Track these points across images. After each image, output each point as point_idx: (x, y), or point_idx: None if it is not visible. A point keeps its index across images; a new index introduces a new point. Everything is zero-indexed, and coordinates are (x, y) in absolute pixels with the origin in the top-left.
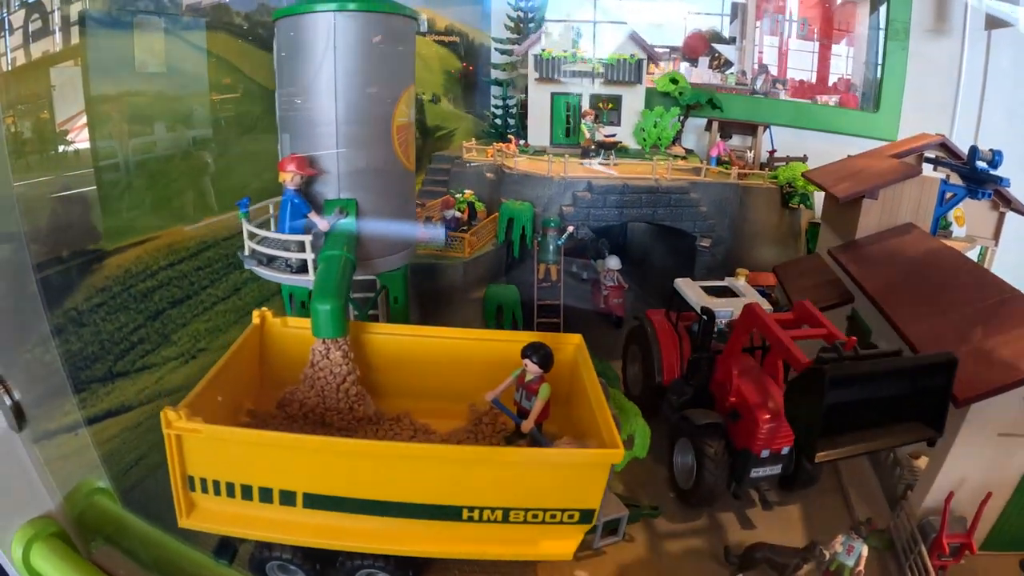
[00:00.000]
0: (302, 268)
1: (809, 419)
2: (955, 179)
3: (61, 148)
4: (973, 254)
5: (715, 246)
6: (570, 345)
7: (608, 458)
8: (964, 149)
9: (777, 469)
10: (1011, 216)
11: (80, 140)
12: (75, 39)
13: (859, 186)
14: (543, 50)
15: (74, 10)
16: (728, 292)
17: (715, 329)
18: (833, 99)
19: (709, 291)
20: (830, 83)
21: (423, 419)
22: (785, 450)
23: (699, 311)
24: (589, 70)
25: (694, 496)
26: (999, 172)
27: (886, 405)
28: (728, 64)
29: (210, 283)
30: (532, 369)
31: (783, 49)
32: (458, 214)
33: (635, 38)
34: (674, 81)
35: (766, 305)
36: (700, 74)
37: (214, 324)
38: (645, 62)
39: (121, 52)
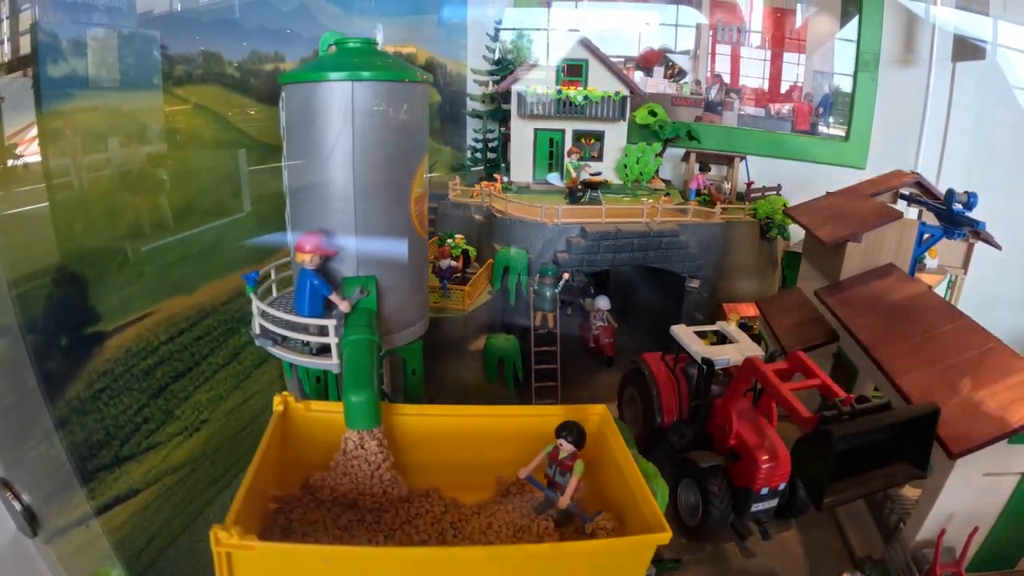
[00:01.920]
0: (323, 350)
1: (817, 473)
2: (929, 216)
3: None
4: (944, 283)
5: (703, 285)
6: (595, 415)
7: (656, 541)
8: (930, 176)
9: (774, 503)
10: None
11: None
12: None
13: (844, 230)
14: (527, 87)
15: None
16: (721, 336)
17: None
18: (787, 107)
19: (701, 335)
20: (782, 91)
21: (451, 492)
22: (781, 486)
23: (700, 361)
24: (573, 107)
25: (699, 531)
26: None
27: (878, 449)
28: (683, 73)
29: (210, 352)
30: (566, 448)
31: (736, 58)
32: (453, 263)
33: (618, 73)
34: (653, 113)
35: (757, 352)
36: (655, 83)
37: (216, 393)
38: (629, 99)
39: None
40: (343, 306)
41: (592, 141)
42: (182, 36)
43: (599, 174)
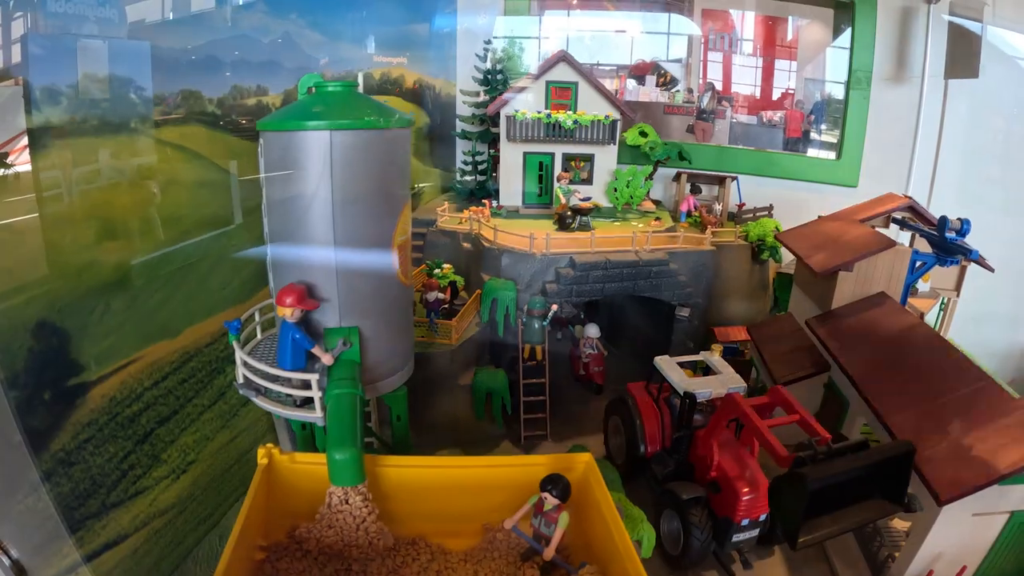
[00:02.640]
0: (308, 401)
1: (791, 514)
2: (921, 241)
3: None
4: (936, 307)
5: (693, 312)
6: (580, 464)
7: None
8: (922, 193)
9: (755, 533)
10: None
11: None
12: None
13: (835, 259)
14: (516, 111)
15: None
16: (705, 366)
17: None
18: (779, 114)
19: (686, 366)
20: (774, 97)
21: (438, 540)
22: (762, 517)
23: (681, 395)
24: (562, 131)
25: (681, 561)
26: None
27: (854, 486)
28: (675, 82)
29: (195, 394)
30: (551, 501)
31: (728, 66)
32: (441, 295)
33: (608, 96)
34: (643, 134)
35: (738, 386)
36: (647, 92)
37: (202, 434)
38: (619, 122)
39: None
40: (326, 359)
41: (582, 164)
42: (159, 77)
43: (589, 199)
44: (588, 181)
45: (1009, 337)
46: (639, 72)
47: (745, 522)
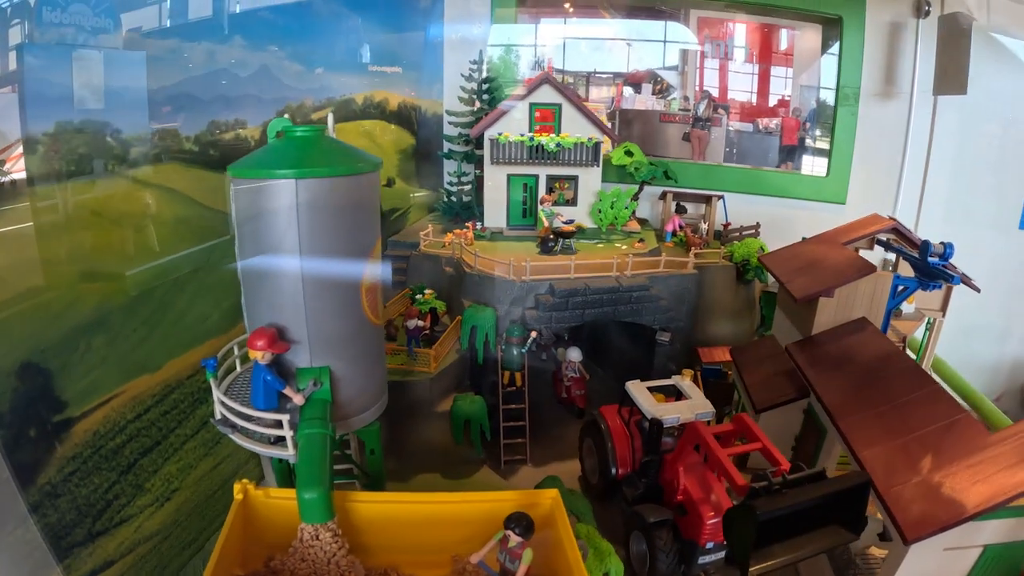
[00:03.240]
0: (280, 439)
1: (742, 543)
2: (905, 263)
3: None
4: (922, 327)
5: (675, 336)
6: (547, 500)
7: None
8: (911, 209)
9: (721, 554)
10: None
11: None
12: None
13: (815, 285)
14: (499, 134)
15: None
16: (676, 391)
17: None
18: (774, 122)
19: (657, 390)
20: (771, 104)
21: (408, 570)
22: None
23: (648, 420)
24: (546, 153)
25: None
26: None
27: (811, 514)
28: (671, 90)
29: (178, 424)
30: (515, 538)
31: (724, 74)
32: (421, 323)
33: (592, 118)
34: (629, 153)
35: (706, 411)
36: (643, 100)
37: (186, 463)
38: (602, 144)
39: None
40: (297, 399)
41: (566, 186)
42: (136, 117)
43: (572, 222)
44: (573, 202)
45: (998, 350)
46: (636, 80)
47: (710, 545)
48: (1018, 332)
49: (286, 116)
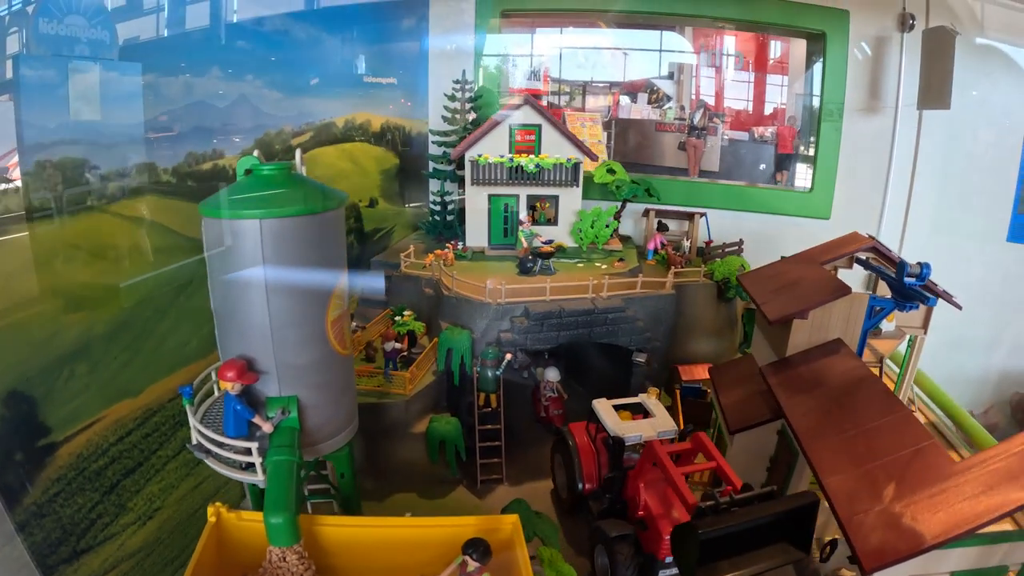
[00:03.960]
0: (250, 466)
1: (686, 561)
2: (883, 285)
3: None
4: (904, 343)
5: (652, 357)
6: (507, 525)
7: None
8: (896, 223)
9: None
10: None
11: None
12: None
13: (789, 307)
14: (479, 155)
15: None
16: (642, 409)
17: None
18: (770, 130)
19: (624, 408)
20: (767, 113)
21: None
22: None
23: (611, 438)
24: (525, 174)
25: None
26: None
27: (759, 533)
28: (667, 99)
29: (159, 446)
30: (472, 563)
31: (720, 82)
32: (398, 345)
33: (571, 138)
34: (611, 171)
35: (669, 430)
36: (639, 109)
37: (167, 483)
38: (582, 164)
39: None
40: (266, 427)
41: (547, 205)
42: (112, 153)
43: (551, 242)
44: (553, 222)
45: (986, 362)
46: (632, 89)
47: (669, 559)
48: (1006, 344)
49: (255, 153)
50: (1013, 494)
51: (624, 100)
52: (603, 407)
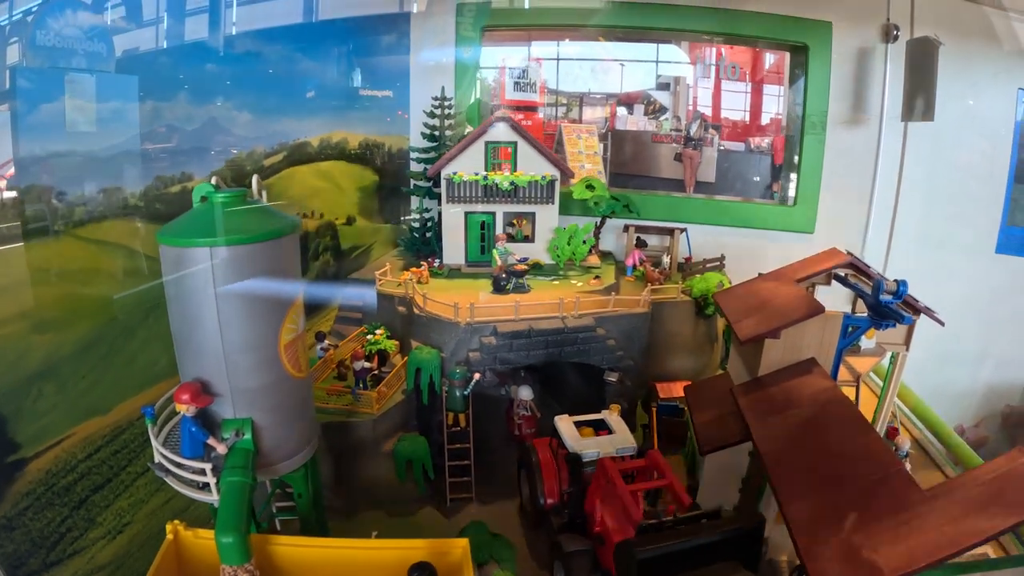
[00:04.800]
0: (207, 485)
1: None
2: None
3: None
4: (883, 360)
5: (624, 376)
6: (457, 549)
7: None
8: (882, 237)
9: None
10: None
11: None
12: None
13: (761, 326)
14: (454, 173)
15: None
16: (603, 425)
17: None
18: (766, 140)
19: (586, 424)
20: (764, 123)
21: None
22: None
23: (569, 454)
24: (501, 192)
25: None
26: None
27: (705, 552)
28: (663, 110)
29: (128, 463)
30: None
31: (717, 93)
32: (367, 364)
33: (547, 155)
34: (590, 187)
35: (627, 447)
36: (635, 121)
37: (137, 498)
38: (558, 181)
39: None
40: (220, 448)
41: (524, 222)
42: (80, 178)
43: (525, 260)
44: (531, 239)
45: (976, 376)
46: (629, 101)
47: None
48: (996, 357)
49: (213, 180)
50: (979, 525)
51: (621, 111)
52: (564, 423)
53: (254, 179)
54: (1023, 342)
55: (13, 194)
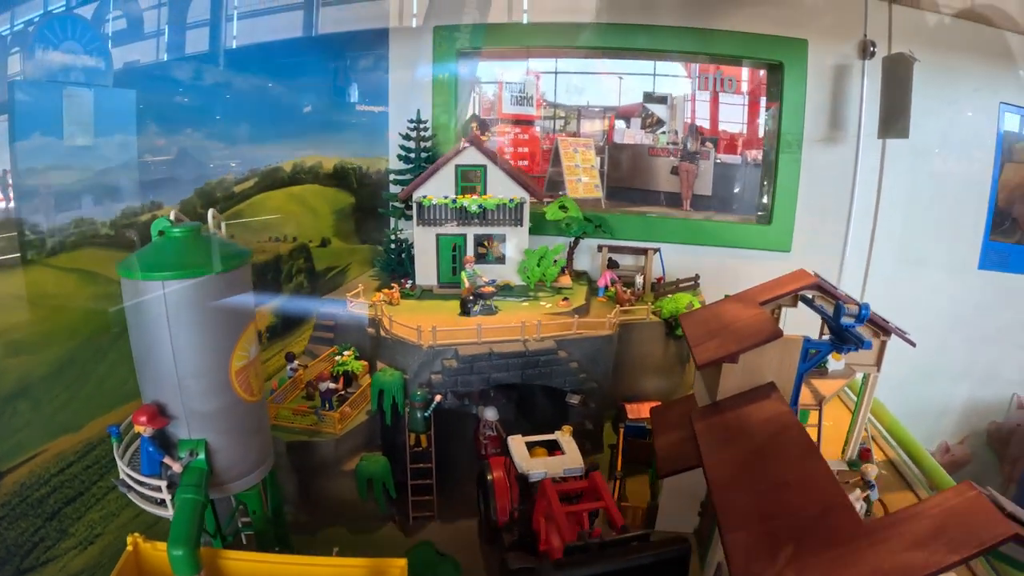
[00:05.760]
0: (164, 502)
1: None
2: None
3: None
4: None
5: (588, 398)
6: (394, 569)
7: None
8: (861, 255)
9: None
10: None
11: None
12: None
13: (720, 350)
14: (424, 197)
15: None
16: (557, 445)
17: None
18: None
19: (541, 444)
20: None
21: None
22: None
23: (517, 475)
24: (470, 215)
25: None
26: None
27: (628, 574)
28: (660, 123)
29: (100, 477)
30: None
31: (714, 106)
32: (333, 385)
33: (516, 178)
34: (563, 208)
35: (575, 467)
36: (632, 134)
37: (108, 511)
38: (527, 203)
39: None
40: (175, 467)
41: (495, 244)
42: (52, 208)
43: (493, 282)
44: (502, 260)
45: (960, 392)
46: (626, 114)
47: None
48: (981, 373)
49: (172, 213)
50: (917, 561)
51: (619, 124)
52: (515, 443)
53: (209, 213)
54: (1007, 358)
55: None
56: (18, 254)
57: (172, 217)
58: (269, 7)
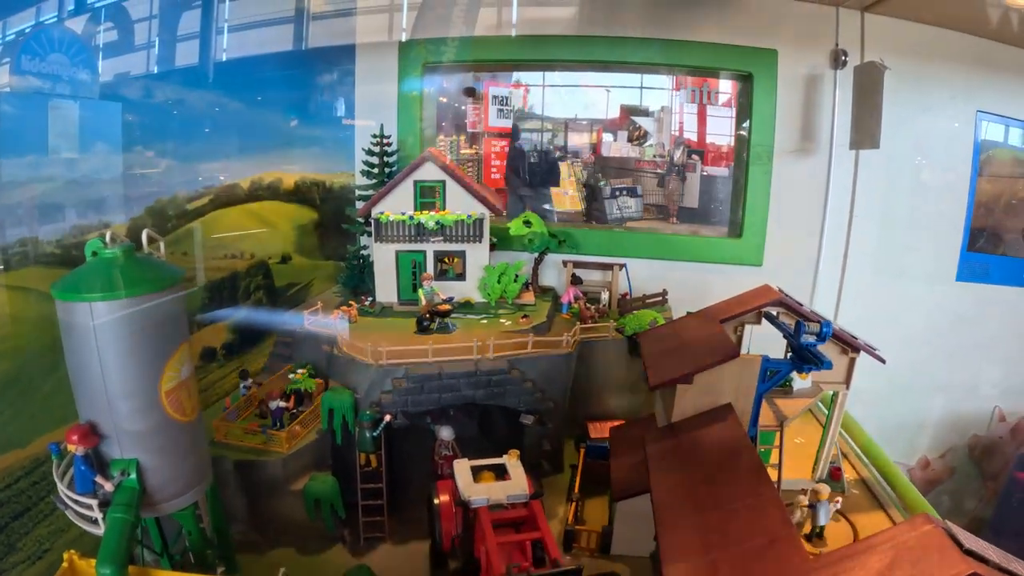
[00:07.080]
0: (96, 521)
1: None
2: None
3: None
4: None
5: (544, 418)
6: None
7: None
8: (835, 267)
9: None
10: None
11: None
12: None
13: (673, 371)
14: (381, 213)
15: None
16: (505, 470)
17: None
18: None
19: (490, 468)
20: None
21: None
22: None
23: (460, 500)
24: (427, 231)
25: None
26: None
27: None
28: (647, 136)
29: (47, 493)
30: None
31: (702, 118)
32: (283, 404)
33: (475, 193)
34: (527, 223)
35: (519, 493)
36: (618, 147)
37: (56, 526)
38: (486, 219)
39: None
40: (107, 486)
41: (455, 261)
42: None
43: (450, 300)
44: (462, 277)
45: (940, 406)
46: (614, 127)
47: None
48: (961, 386)
49: (108, 234)
50: None
51: (607, 137)
52: (460, 468)
53: (144, 234)
54: (987, 370)
55: None
56: None
57: (107, 238)
58: (232, 23)
